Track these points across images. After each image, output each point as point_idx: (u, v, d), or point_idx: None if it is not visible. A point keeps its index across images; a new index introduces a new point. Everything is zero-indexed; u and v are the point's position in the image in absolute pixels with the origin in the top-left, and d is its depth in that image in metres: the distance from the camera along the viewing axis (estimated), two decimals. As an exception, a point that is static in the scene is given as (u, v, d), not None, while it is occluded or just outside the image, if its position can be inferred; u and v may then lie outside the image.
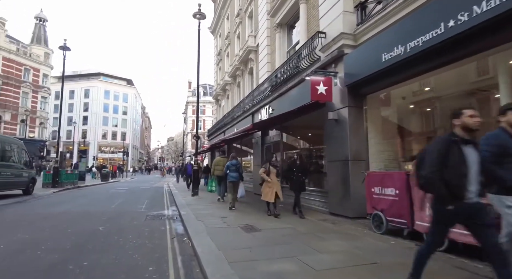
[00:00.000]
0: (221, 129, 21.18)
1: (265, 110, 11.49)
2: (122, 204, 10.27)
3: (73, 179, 17.09)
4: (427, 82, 6.23)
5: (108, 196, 13.09)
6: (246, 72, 16.27)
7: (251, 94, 13.99)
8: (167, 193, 15.13)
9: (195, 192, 12.14)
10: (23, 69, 36.19)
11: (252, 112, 13.36)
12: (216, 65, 24.92)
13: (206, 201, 10.54)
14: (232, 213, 7.62)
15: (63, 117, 58.32)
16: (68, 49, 16.69)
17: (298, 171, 7.12)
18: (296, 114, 8.40)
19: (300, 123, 9.97)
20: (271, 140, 11.72)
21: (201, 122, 60.63)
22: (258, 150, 12.62)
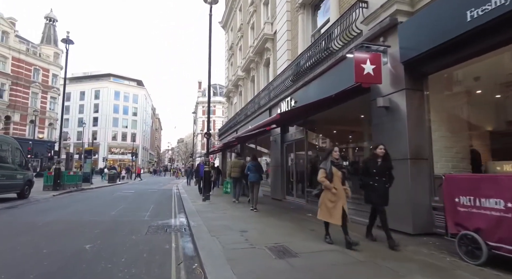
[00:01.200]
0: (233, 128, 19.80)
1: (285, 103, 10.02)
2: (124, 211, 8.96)
3: (76, 181, 15.99)
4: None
5: (110, 200, 11.85)
6: (261, 64, 14.84)
7: (268, 87, 12.55)
8: (175, 196, 13.81)
9: (207, 196, 10.76)
10: (32, 69, 35.81)
11: (270, 107, 11.91)
12: (228, 61, 23.61)
13: (219, 207, 9.14)
14: (253, 224, 6.16)
15: (73, 119, 58.44)
16: (71, 42, 15.68)
17: (380, 173, 4.55)
18: (331, 102, 6.91)
19: (330, 117, 8.46)
20: (292, 137, 10.23)
21: (211, 123, 59.64)
22: (277, 149, 11.15)
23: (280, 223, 6.35)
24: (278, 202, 10.39)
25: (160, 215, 8.31)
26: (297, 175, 9.67)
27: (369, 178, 4.61)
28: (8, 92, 32.99)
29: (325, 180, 4.53)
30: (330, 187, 4.49)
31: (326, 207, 4.58)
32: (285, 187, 10.56)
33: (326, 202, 4.58)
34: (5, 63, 32.98)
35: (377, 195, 4.53)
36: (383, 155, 4.54)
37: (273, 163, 11.48)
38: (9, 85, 33.01)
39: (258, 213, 7.81)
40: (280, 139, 10.85)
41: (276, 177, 11.13)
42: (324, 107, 7.41)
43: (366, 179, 4.69)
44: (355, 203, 6.38)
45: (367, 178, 4.66)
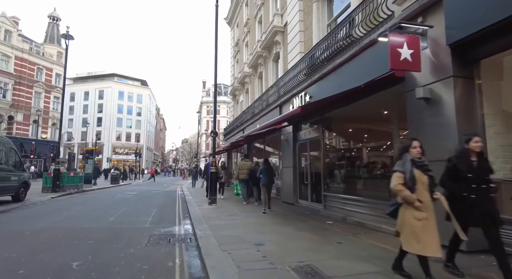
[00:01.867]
0: (240, 127, 19.03)
1: (299, 99, 9.21)
2: (124, 216, 8.23)
3: (76, 183, 15.34)
4: None
5: (110, 203, 11.14)
6: (269, 60, 14.05)
7: (277, 83, 11.76)
8: (180, 199, 13.07)
9: (213, 199, 9.99)
10: (35, 69, 35.43)
11: (280, 104, 11.10)
12: (233, 58, 22.86)
13: (227, 212, 8.36)
14: (269, 235, 5.36)
15: (78, 119, 58.12)
16: (71, 38, 15.04)
17: (480, 178, 3.15)
18: (357, 94, 6.10)
19: (350, 113, 7.64)
20: (306, 136, 9.41)
21: (215, 123, 59.03)
22: (289, 149, 10.34)
23: (299, 234, 5.54)
24: (290, 206, 9.59)
25: (163, 221, 7.55)
26: (312, 177, 8.86)
27: (462, 185, 3.17)
28: (11, 92, 32.61)
29: (404, 190, 2.99)
30: (412, 200, 2.96)
31: (411, 232, 2.99)
32: (298, 190, 9.76)
33: (410, 222, 3.00)
34: (8, 63, 32.61)
35: (479, 211, 3.07)
36: (480, 151, 3.21)
37: (284, 164, 10.68)
38: (12, 85, 32.63)
39: (272, 220, 7.01)
40: (292, 138, 10.05)
41: (287, 179, 10.33)
42: (348, 100, 6.58)
43: (456, 187, 3.22)
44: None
45: (458, 185, 3.20)
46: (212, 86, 61.40)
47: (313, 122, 8.95)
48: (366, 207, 6.42)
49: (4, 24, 32.19)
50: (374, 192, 6.61)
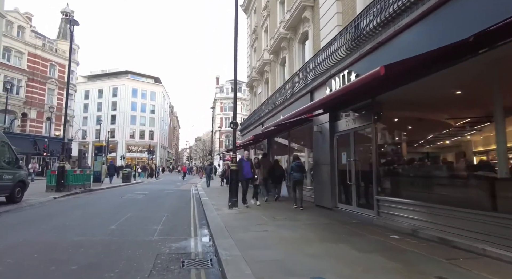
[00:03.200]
0: (258, 121, 17.41)
1: (339, 79, 7.47)
2: (128, 222, 6.76)
3: (83, 181, 14.14)
4: None
5: (116, 205, 9.75)
6: (295, 42, 12.32)
7: (306, 67, 10.04)
8: (194, 200, 11.60)
9: (233, 202, 8.42)
10: (48, 65, 34.97)
11: (312, 89, 9.38)
12: (250, 48, 21.22)
13: (252, 219, 6.79)
14: (323, 259, 3.68)
15: (92, 117, 58.08)
16: (76, 23, 13.87)
17: None
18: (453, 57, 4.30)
19: (420, 93, 5.85)
20: (349, 126, 7.64)
21: (228, 120, 57.62)
22: (324, 142, 8.61)
23: (368, 259, 3.85)
24: (328, 212, 7.89)
25: (175, 230, 6.02)
26: (358, 176, 7.12)
27: None
28: (25, 89, 32.21)
29: None
30: None
31: None
32: (337, 192, 8.03)
33: None
34: (21, 59, 32.21)
35: None
36: None
37: (318, 161, 8.95)
38: (25, 81, 32.22)
39: (317, 234, 5.34)
40: (329, 129, 8.31)
41: (322, 179, 8.61)
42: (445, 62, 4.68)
43: None
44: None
45: None
46: (226, 83, 60.08)
47: (359, 108, 7.19)
48: (451, 218, 4.65)
49: (17, 20, 31.77)
50: (463, 198, 4.82)
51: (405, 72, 4.95)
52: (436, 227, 4.88)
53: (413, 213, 5.42)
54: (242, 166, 8.68)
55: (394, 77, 5.18)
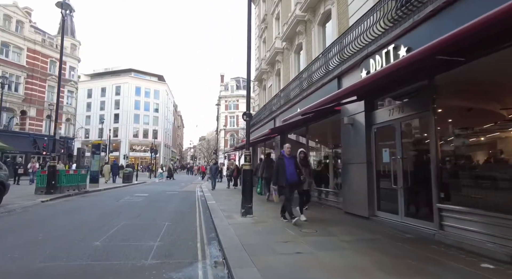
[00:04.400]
0: (269, 117, 15.97)
1: (380, 58, 6.00)
2: (119, 236, 5.36)
3: (77, 182, 12.81)
4: None
5: (109, 211, 8.35)
6: (314, 24, 10.85)
7: (329, 51, 8.60)
8: (200, 204, 10.20)
9: (247, 209, 7.01)
10: (49, 62, 33.87)
11: (340, 74, 7.90)
12: (259, 39, 19.77)
13: (275, 232, 5.36)
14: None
15: (95, 116, 57.05)
16: (70, 8, 12.56)
17: None
18: None
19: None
20: (392, 116, 6.15)
21: (233, 118, 56.24)
22: (357, 136, 7.13)
23: None
24: (363, 221, 6.42)
25: (177, 249, 4.60)
26: (407, 178, 5.64)
27: None
28: (24, 85, 31.15)
29: None
30: None
31: None
32: (376, 197, 6.55)
33: None
34: (20, 55, 31.14)
35: None
36: None
37: (348, 159, 7.46)
38: (24, 78, 31.15)
39: (371, 259, 3.86)
40: (364, 121, 6.83)
41: (353, 181, 7.14)
42: None
43: None
44: None
45: None
46: (231, 80, 58.70)
47: (409, 92, 5.70)
48: None
49: (15, 14, 30.72)
50: None
51: (488, 38, 3.48)
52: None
53: (500, 230, 3.94)
54: (284, 165, 6.18)
55: (471, 46, 3.72)
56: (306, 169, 6.84)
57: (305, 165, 6.95)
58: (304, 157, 7.04)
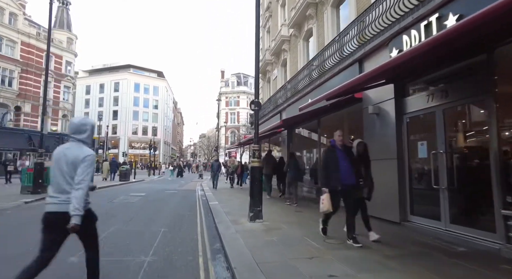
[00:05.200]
0: (274, 110, 15.00)
1: (417, 33, 4.98)
2: (102, 249, 4.35)
3: (68, 181, 11.78)
4: None
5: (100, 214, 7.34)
6: (326, 6, 9.80)
7: (345, 34, 7.58)
8: (201, 205, 9.22)
9: (256, 213, 6.03)
10: (44, 56, 32.70)
11: (361, 57, 6.89)
12: (263, 28, 18.68)
13: (290, 241, 4.38)
14: None
15: (93, 112, 56.00)
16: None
17: None
18: None
19: None
20: (430, 103, 5.13)
21: (235, 115, 55.18)
22: (384, 129, 6.13)
23: None
24: (395, 228, 5.45)
25: (173, 266, 3.63)
26: (452, 177, 4.63)
27: None
28: (18, 80, 30.07)
29: None
30: None
31: None
32: (409, 199, 5.56)
33: None
34: (13, 48, 30.05)
35: None
36: None
37: (373, 155, 6.45)
38: (18, 73, 30.08)
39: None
40: (394, 109, 5.82)
41: (380, 180, 6.13)
42: None
43: None
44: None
45: None
46: (232, 76, 57.55)
47: (455, 73, 4.68)
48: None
49: (8, 6, 29.59)
50: None
51: None
52: None
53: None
54: (336, 160, 4.44)
55: None
56: (363, 168, 4.80)
57: (365, 162, 4.83)
58: (364, 151, 4.83)
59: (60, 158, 2.34)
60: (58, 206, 2.28)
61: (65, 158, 2.32)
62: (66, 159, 2.31)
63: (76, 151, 2.34)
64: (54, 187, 2.33)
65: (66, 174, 2.29)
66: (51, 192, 2.34)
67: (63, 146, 2.47)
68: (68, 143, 2.45)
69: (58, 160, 2.34)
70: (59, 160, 2.33)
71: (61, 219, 2.22)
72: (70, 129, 2.46)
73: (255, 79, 6.69)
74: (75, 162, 2.29)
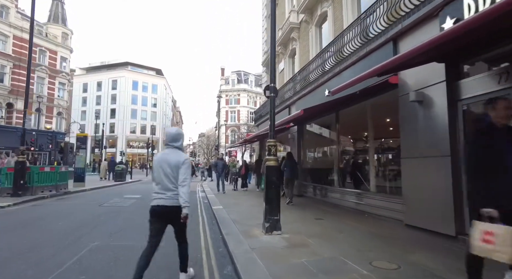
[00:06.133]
0: (281, 105, 13.85)
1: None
2: (74, 277, 3.24)
3: (55, 182, 10.67)
4: None
5: (84, 222, 6.20)
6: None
7: (370, 13, 6.46)
8: (203, 210, 8.08)
9: (273, 222, 4.89)
10: (38, 51, 31.54)
11: (395, 35, 5.76)
12: (267, 18, 17.53)
13: (318, 260, 3.22)
14: None
15: (91, 111, 54.70)
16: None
17: None
18: None
19: None
20: (505, 83, 4.02)
21: (235, 113, 54.00)
22: (429, 120, 5.00)
23: None
24: (449, 242, 4.32)
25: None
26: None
27: None
28: (10, 76, 28.87)
29: None
30: None
31: None
32: (468, 207, 4.43)
33: None
34: (5, 43, 28.85)
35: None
36: None
37: (415, 152, 5.31)
38: (10, 68, 28.88)
39: None
40: (445, 95, 4.68)
41: (425, 182, 5.01)
42: None
43: None
44: None
45: None
46: (232, 74, 56.36)
47: None
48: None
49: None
50: None
51: None
52: None
53: None
54: (498, 153, 2.32)
55: None
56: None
57: None
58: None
59: (163, 162, 2.82)
60: (165, 201, 2.75)
61: (167, 162, 2.80)
62: (169, 163, 2.79)
63: (176, 156, 2.83)
64: (160, 185, 2.80)
65: (170, 175, 2.78)
66: (158, 190, 2.80)
67: (164, 152, 2.95)
68: (167, 150, 2.94)
69: (161, 164, 2.81)
70: (162, 164, 2.81)
71: (166, 211, 2.76)
72: (168, 138, 2.95)
73: (270, 59, 5.54)
74: (177, 165, 2.78)
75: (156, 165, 2.85)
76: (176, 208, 2.70)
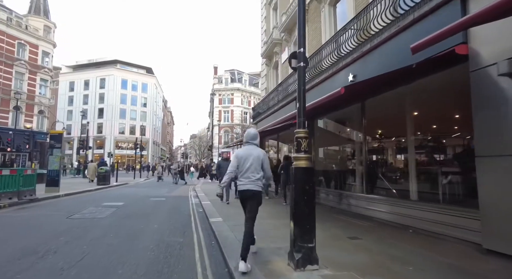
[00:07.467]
0: (287, 98, 12.28)
1: None
2: None
3: (17, 187, 8.80)
4: None
5: (31, 248, 4.45)
6: None
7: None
8: (198, 224, 6.41)
9: (307, 253, 3.25)
10: (16, 44, 29.26)
11: (426, 15, 4.23)
12: (267, 6, 15.98)
13: None
14: None
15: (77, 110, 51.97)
16: None
17: None
18: None
19: None
20: None
21: (228, 114, 52.21)
22: (502, 103, 3.48)
23: None
24: None
25: None
26: None
27: None
28: (-16, 70, 26.57)
29: None
30: None
31: None
32: None
33: None
34: (-21, 34, 26.54)
35: None
36: None
37: (501, 148, 3.78)
38: (-16, 62, 26.58)
39: None
40: None
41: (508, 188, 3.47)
42: None
43: None
44: None
45: None
46: (225, 72, 54.57)
47: None
48: None
49: (-27, -14, 26.08)
50: None
51: None
52: None
53: None
54: None
55: None
56: None
57: None
58: None
59: (249, 156, 3.59)
60: (248, 186, 3.53)
61: (252, 156, 3.58)
62: (253, 157, 3.58)
63: (258, 151, 3.66)
64: (246, 174, 3.56)
65: (253, 166, 3.56)
66: (243, 179, 3.57)
67: (248, 147, 3.70)
68: (250, 146, 3.71)
69: (247, 157, 3.58)
70: (248, 157, 3.58)
71: (249, 194, 3.54)
72: (249, 137, 3.76)
73: (298, 19, 3.93)
74: (259, 157, 3.61)
75: (241, 158, 3.59)
76: (257, 192, 3.53)
